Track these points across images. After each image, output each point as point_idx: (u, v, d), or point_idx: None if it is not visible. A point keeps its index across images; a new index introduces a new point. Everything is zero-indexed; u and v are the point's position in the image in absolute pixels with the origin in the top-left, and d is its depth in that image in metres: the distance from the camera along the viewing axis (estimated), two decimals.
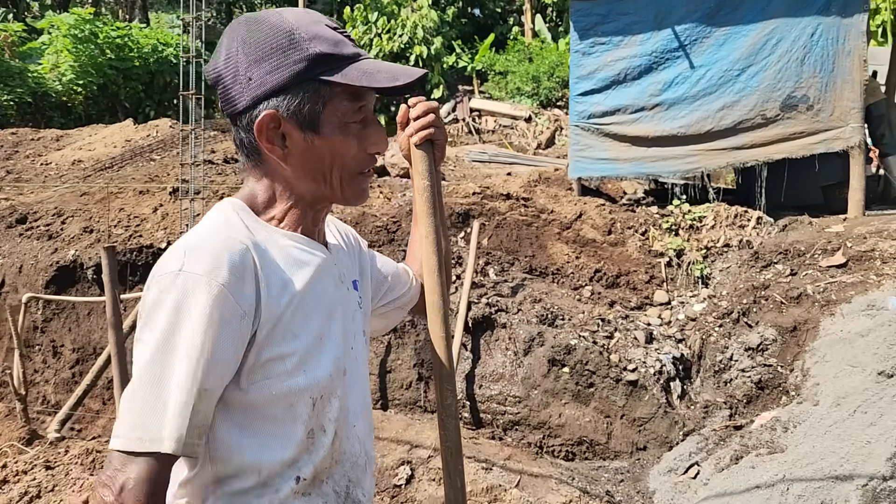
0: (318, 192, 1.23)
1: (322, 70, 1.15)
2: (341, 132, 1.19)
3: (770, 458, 3.90)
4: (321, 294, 1.24)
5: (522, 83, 16.79)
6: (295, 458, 1.19)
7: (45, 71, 14.90)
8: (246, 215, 1.21)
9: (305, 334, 1.18)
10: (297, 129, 1.17)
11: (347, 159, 1.21)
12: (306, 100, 1.16)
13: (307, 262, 1.23)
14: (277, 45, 1.15)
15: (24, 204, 7.26)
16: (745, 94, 6.46)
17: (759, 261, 5.79)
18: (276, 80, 1.15)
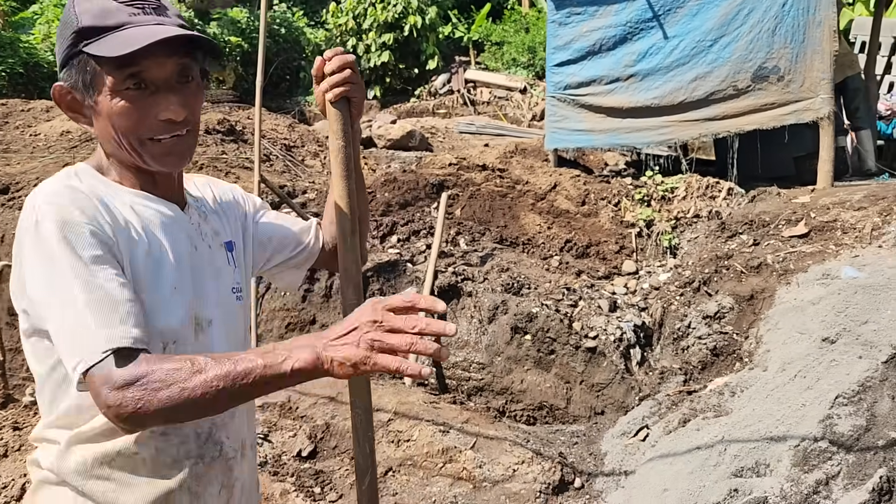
0: (120, 153, 1.30)
1: (86, 42, 1.22)
2: (112, 100, 1.24)
3: (715, 421, 4.03)
4: (172, 248, 1.32)
5: (518, 54, 16.70)
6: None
7: (37, 41, 14.91)
8: (89, 176, 1.31)
9: (158, 284, 1.28)
10: (81, 97, 1.27)
11: (128, 125, 1.25)
12: (79, 71, 1.24)
13: (152, 216, 1.32)
14: (64, 21, 1.26)
15: (7, 175, 7.37)
16: (718, 65, 6.49)
17: (725, 231, 5.88)
18: (60, 56, 1.27)
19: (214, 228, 1.48)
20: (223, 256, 1.47)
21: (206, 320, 1.37)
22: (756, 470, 3.53)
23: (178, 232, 1.36)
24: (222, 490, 1.41)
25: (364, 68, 16.18)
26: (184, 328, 1.31)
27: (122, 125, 1.26)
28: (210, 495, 1.38)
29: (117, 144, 1.29)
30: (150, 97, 1.25)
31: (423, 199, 6.47)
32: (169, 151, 1.30)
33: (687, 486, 3.58)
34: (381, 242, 5.88)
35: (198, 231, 1.42)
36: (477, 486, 3.94)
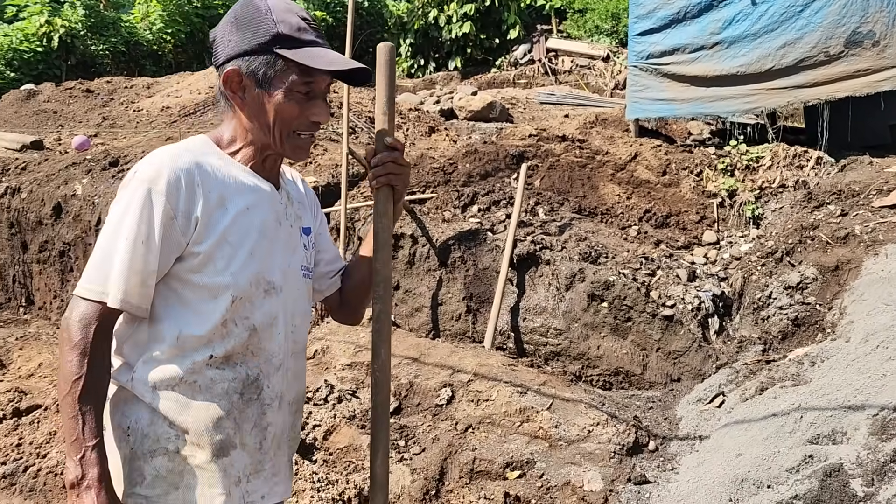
0: (264, 139, 1.58)
1: (279, 46, 1.50)
2: (285, 96, 1.53)
3: (793, 390, 4.05)
4: (259, 217, 1.58)
5: (602, 21, 16.39)
6: (210, 339, 1.53)
7: (137, 21, 15.69)
8: (207, 146, 1.58)
9: (238, 245, 1.53)
10: (254, 86, 1.53)
11: (288, 119, 1.55)
12: (263, 65, 1.52)
13: (251, 188, 1.58)
14: (254, 20, 1.52)
15: (116, 148, 7.91)
16: (808, 31, 6.31)
17: (811, 201, 5.77)
18: (245, 45, 1.51)
19: (297, 213, 1.74)
20: (300, 238, 1.72)
21: (277, 287, 1.62)
22: (832, 437, 3.55)
23: (269, 207, 1.61)
24: (254, 429, 1.62)
25: (445, 39, 16.29)
26: (252, 287, 1.56)
27: (283, 118, 1.54)
28: (245, 430, 1.60)
29: (267, 130, 1.56)
30: (309, 102, 1.56)
31: (503, 170, 6.60)
32: (303, 146, 1.61)
33: (761, 452, 3.64)
34: (462, 212, 6.06)
35: (285, 211, 1.67)
36: (553, 444, 4.11)
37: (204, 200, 1.48)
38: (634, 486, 3.78)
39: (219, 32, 1.56)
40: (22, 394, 4.30)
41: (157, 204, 1.43)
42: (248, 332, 1.57)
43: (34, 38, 13.88)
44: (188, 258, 1.50)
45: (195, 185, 1.48)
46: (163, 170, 1.45)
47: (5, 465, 3.76)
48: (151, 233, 1.43)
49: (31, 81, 13.00)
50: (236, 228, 1.53)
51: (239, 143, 1.60)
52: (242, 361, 1.58)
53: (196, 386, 1.53)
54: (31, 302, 7.33)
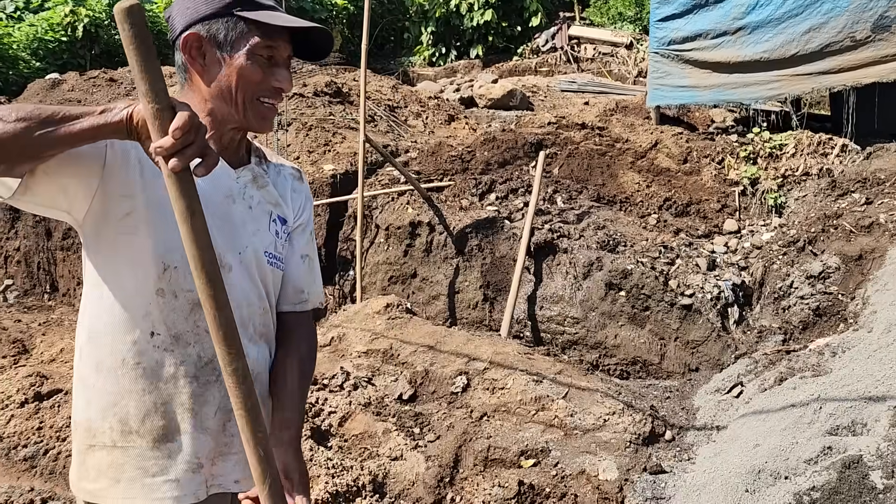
0: (225, 108, 1.49)
1: (240, 8, 1.46)
2: (248, 59, 1.47)
3: (812, 381, 4.00)
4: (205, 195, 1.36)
5: (625, 7, 16.19)
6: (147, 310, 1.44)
7: (160, 10, 15.78)
8: None
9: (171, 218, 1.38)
10: (214, 50, 1.47)
11: (251, 84, 1.48)
12: (223, 27, 1.46)
13: None
14: None
15: None
16: (834, 16, 6.17)
17: (835, 189, 5.67)
18: (205, 9, 1.46)
19: (271, 200, 1.62)
20: (266, 222, 1.60)
21: (225, 264, 1.49)
22: (852, 429, 3.50)
23: (215, 182, 1.49)
24: (218, 412, 1.50)
25: (466, 27, 16.20)
26: None
27: (245, 82, 1.48)
28: (206, 415, 1.49)
29: (229, 96, 1.48)
30: (271, 67, 1.50)
31: (522, 158, 6.56)
32: (265, 115, 1.52)
33: (779, 443, 3.60)
34: (480, 200, 6.04)
35: (242, 190, 1.57)
36: (568, 433, 4.10)
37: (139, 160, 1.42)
38: (650, 476, 3.75)
39: (174, 6, 1.52)
40: (43, 378, 4.36)
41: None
42: (189, 305, 1.46)
43: (59, 28, 14.00)
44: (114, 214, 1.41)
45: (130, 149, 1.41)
46: None
47: (26, 447, 3.83)
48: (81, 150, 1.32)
49: (55, 71, 13.13)
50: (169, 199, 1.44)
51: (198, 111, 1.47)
52: (196, 341, 1.48)
53: (140, 369, 1.44)
54: (56, 289, 7.44)
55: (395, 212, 6.00)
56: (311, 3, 16.64)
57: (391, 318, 4.94)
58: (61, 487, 3.65)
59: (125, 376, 1.44)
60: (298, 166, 1.79)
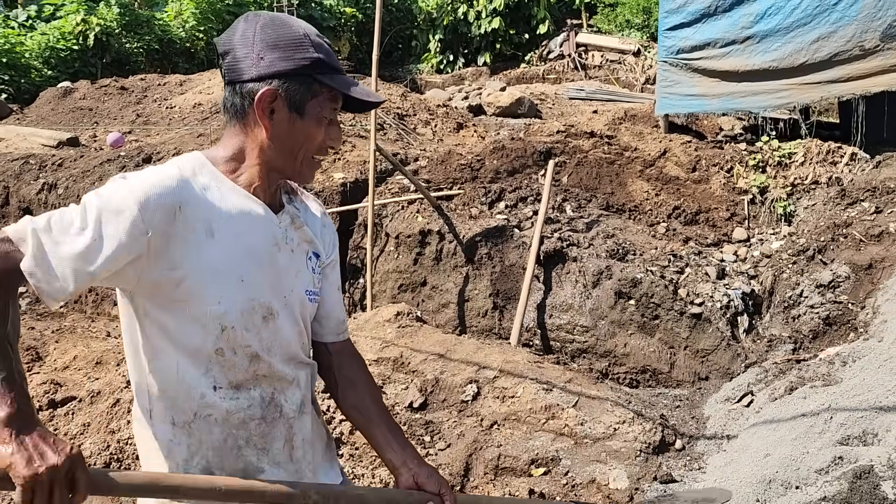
0: (282, 162, 1.52)
1: (318, 71, 1.47)
2: (316, 122, 1.50)
3: (823, 390, 4.00)
4: (251, 243, 1.50)
5: (633, 15, 16.21)
6: (208, 369, 1.49)
7: (170, 19, 15.90)
8: (200, 165, 1.49)
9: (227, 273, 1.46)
10: (286, 109, 1.47)
11: (313, 144, 1.51)
12: (300, 89, 1.46)
13: (243, 213, 1.49)
14: (291, 41, 1.46)
15: (149, 145, 8.05)
16: (843, 25, 6.19)
17: (845, 198, 5.68)
18: (283, 66, 1.45)
19: (307, 238, 1.64)
20: (306, 261, 1.63)
21: (275, 311, 1.54)
22: (863, 439, 3.50)
23: (263, 230, 1.53)
24: (285, 444, 1.60)
25: (474, 34, 16.26)
26: (246, 316, 1.50)
27: (309, 142, 1.51)
28: (276, 450, 1.58)
29: (290, 154, 1.51)
30: (328, 127, 1.54)
31: (531, 167, 6.59)
32: (314, 169, 1.58)
33: (790, 452, 3.60)
34: (489, 208, 6.06)
35: (284, 234, 1.57)
36: (578, 441, 4.11)
37: (184, 225, 1.41)
38: (660, 485, 3.76)
39: (243, 46, 1.46)
40: (57, 386, 4.41)
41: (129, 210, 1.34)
42: (248, 359, 1.52)
43: (70, 37, 14.15)
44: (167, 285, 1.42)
45: (176, 208, 1.40)
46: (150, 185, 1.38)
47: None
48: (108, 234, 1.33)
49: (67, 79, 13.26)
50: (225, 256, 1.46)
51: (247, 163, 1.52)
52: (255, 385, 1.54)
53: (212, 419, 1.51)
54: None
55: (405, 220, 6.03)
56: (319, 11, 16.75)
57: (401, 327, 4.96)
58: None
59: (199, 429, 1.51)
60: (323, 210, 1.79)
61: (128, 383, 4.15)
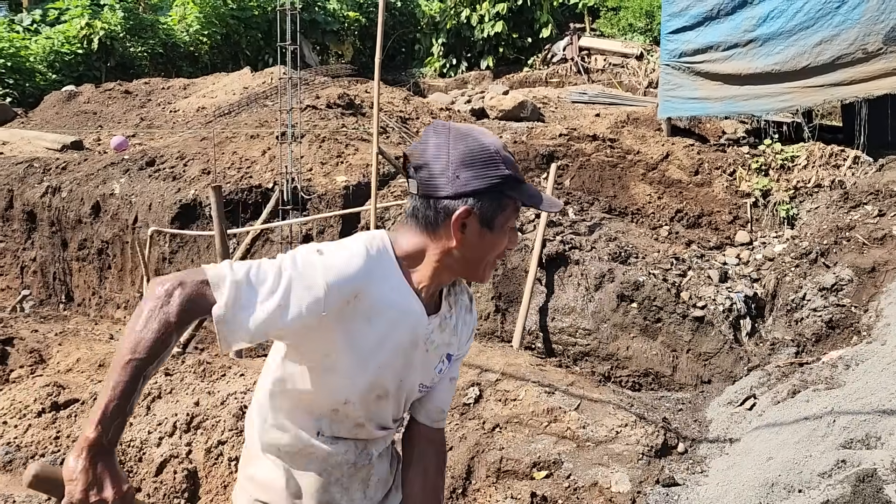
0: (463, 268, 1.60)
1: (508, 187, 1.53)
2: (502, 233, 1.57)
3: (826, 393, 3.99)
4: (399, 339, 1.61)
5: (635, 19, 16.22)
6: (319, 419, 1.67)
7: (174, 23, 15.96)
8: (384, 251, 1.58)
9: (369, 358, 1.59)
10: (478, 224, 1.54)
11: (497, 252, 1.60)
12: (492, 205, 1.53)
13: (403, 311, 1.59)
14: (484, 159, 1.52)
15: (153, 148, 8.07)
16: (845, 28, 6.19)
17: (848, 201, 5.67)
18: (478, 185, 1.51)
19: (447, 341, 1.71)
20: (435, 361, 1.71)
21: (389, 394, 1.68)
22: (866, 442, 3.49)
23: (412, 330, 1.62)
24: (361, 483, 1.77)
25: (477, 38, 16.30)
26: (366, 393, 1.64)
27: (494, 252, 1.59)
28: (355, 489, 1.75)
29: (475, 263, 1.59)
30: (511, 231, 1.61)
31: (533, 170, 6.59)
32: (492, 271, 1.69)
33: (792, 456, 3.59)
34: None
35: (427, 337, 1.66)
36: (580, 445, 4.10)
37: (353, 310, 1.53)
38: (663, 489, 3.75)
39: (433, 161, 1.53)
40: (60, 388, 4.41)
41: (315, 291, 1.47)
42: (353, 424, 1.68)
43: (75, 41, 14.21)
44: (318, 352, 1.57)
45: (353, 295, 1.51)
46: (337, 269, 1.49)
47: (44, 456, 3.87)
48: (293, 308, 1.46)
49: (71, 83, 13.31)
50: (373, 345, 1.58)
51: (425, 263, 1.60)
52: (354, 436, 1.71)
53: (312, 457, 1.69)
54: (71, 299, 7.52)
55: None
56: (323, 15, 16.79)
57: None
58: None
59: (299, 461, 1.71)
60: (472, 296, 1.84)
61: None
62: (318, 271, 1.47)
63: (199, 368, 4.38)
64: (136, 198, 7.07)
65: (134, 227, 7.02)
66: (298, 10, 6.39)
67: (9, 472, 3.88)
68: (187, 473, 3.70)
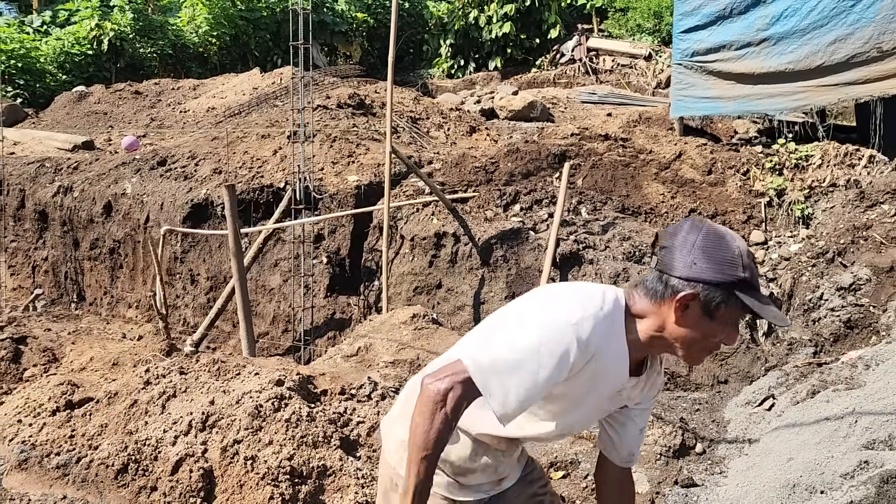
0: (674, 344, 1.69)
1: (739, 288, 1.61)
2: (721, 326, 1.64)
3: (846, 394, 3.95)
4: (601, 395, 1.77)
5: (643, 19, 16.17)
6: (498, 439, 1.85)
7: (183, 24, 15.98)
8: (618, 314, 1.69)
9: (575, 406, 1.77)
10: (700, 310, 1.62)
11: (711, 341, 1.67)
12: (719, 298, 1.61)
13: (616, 371, 1.72)
14: (726, 258, 1.61)
15: (164, 148, 8.07)
16: (860, 26, 6.14)
17: (864, 200, 5.63)
18: (710, 276, 1.61)
19: (633, 396, 1.85)
20: (614, 407, 1.87)
21: (573, 432, 1.96)
22: (889, 443, 3.45)
23: (614, 386, 1.76)
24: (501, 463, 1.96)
25: (485, 39, 16.28)
26: (558, 431, 1.83)
27: (711, 339, 1.67)
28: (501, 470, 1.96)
29: (686, 343, 1.67)
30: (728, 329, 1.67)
31: (546, 169, 6.56)
32: (702, 358, 1.75)
33: (814, 457, 3.56)
34: (505, 211, 6.04)
35: (620, 395, 1.81)
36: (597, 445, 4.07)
37: (581, 371, 1.67)
38: (681, 489, 3.72)
39: (678, 246, 1.64)
40: (74, 387, 4.40)
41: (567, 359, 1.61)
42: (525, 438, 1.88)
43: (85, 42, 14.25)
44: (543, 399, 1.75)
45: (586, 359, 1.64)
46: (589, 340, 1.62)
47: (59, 455, 3.86)
48: (550, 379, 1.62)
49: (81, 83, 13.34)
50: (582, 398, 1.74)
51: (645, 327, 1.70)
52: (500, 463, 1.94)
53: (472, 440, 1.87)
54: (82, 298, 7.52)
55: (420, 223, 6.02)
56: (331, 16, 16.80)
57: (417, 329, 4.94)
58: (93, 495, 3.67)
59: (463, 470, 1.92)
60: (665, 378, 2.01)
61: (146, 383, 4.15)
62: (573, 347, 1.60)
63: (213, 367, 4.36)
64: (148, 197, 7.07)
65: (146, 227, 7.02)
66: (309, 10, 6.38)
67: (24, 471, 3.87)
68: (203, 473, 3.68)
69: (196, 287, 6.87)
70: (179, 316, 6.76)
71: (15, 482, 3.83)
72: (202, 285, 6.84)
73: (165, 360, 4.60)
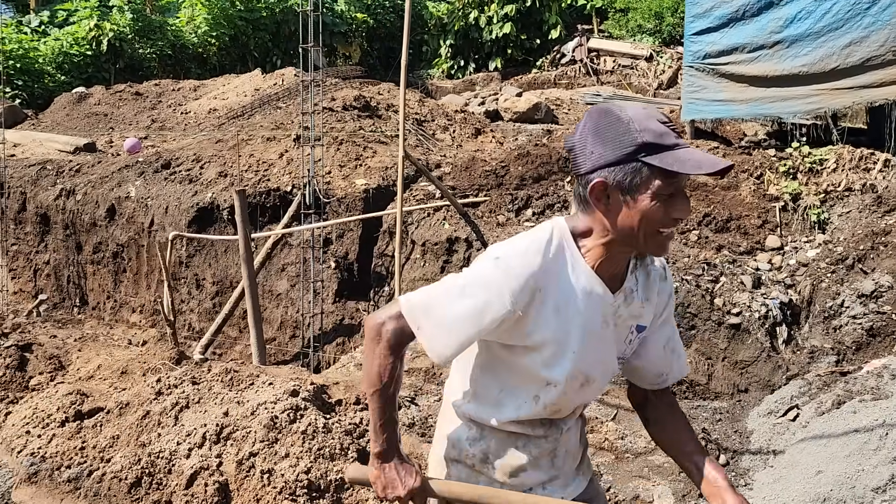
0: (625, 241, 1.59)
1: (645, 154, 1.50)
2: (651, 200, 1.52)
3: (874, 405, 3.88)
4: (586, 320, 1.66)
5: (644, 20, 16.12)
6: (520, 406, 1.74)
7: (182, 24, 15.87)
8: (563, 239, 1.63)
9: (563, 345, 1.66)
10: (618, 194, 1.53)
11: (653, 222, 1.54)
12: (628, 174, 1.51)
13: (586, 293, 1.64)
14: (616, 131, 1.53)
15: (167, 150, 7.97)
16: (875, 29, 6.08)
17: (881, 205, 5.56)
18: (609, 157, 1.53)
19: (635, 313, 1.73)
20: (624, 334, 1.74)
21: (592, 379, 1.72)
22: None
23: (598, 310, 1.66)
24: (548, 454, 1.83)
25: (485, 40, 16.20)
26: (568, 382, 1.69)
27: (647, 221, 1.54)
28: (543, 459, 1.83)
29: (631, 234, 1.56)
30: (670, 200, 1.54)
31: (556, 173, 6.49)
32: (664, 243, 1.60)
33: (843, 470, 3.48)
34: (517, 215, 5.96)
35: (614, 313, 1.69)
36: (619, 456, 3.99)
37: (540, 304, 1.61)
38: (706, 503, 3.64)
39: (577, 143, 1.59)
40: (83, 396, 4.30)
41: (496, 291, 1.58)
42: (550, 409, 1.75)
43: (84, 42, 14.13)
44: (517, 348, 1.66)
45: (536, 290, 1.59)
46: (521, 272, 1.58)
47: (70, 468, 3.76)
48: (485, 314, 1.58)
49: (80, 84, 13.22)
50: (563, 332, 1.64)
51: (593, 240, 1.63)
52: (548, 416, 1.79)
53: (506, 434, 1.77)
54: (85, 302, 7.41)
55: (431, 227, 5.93)
56: (331, 16, 16.70)
57: None
58: None
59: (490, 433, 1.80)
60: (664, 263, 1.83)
61: (157, 394, 4.06)
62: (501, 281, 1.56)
63: (226, 377, 4.26)
64: (152, 201, 6.97)
65: (150, 231, 6.91)
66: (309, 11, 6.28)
67: (34, 485, 3.77)
68: (218, 486, 3.58)
69: (202, 292, 6.77)
70: (185, 321, 6.65)
71: (24, 496, 3.74)
72: (208, 290, 6.74)
73: (176, 370, 4.50)
